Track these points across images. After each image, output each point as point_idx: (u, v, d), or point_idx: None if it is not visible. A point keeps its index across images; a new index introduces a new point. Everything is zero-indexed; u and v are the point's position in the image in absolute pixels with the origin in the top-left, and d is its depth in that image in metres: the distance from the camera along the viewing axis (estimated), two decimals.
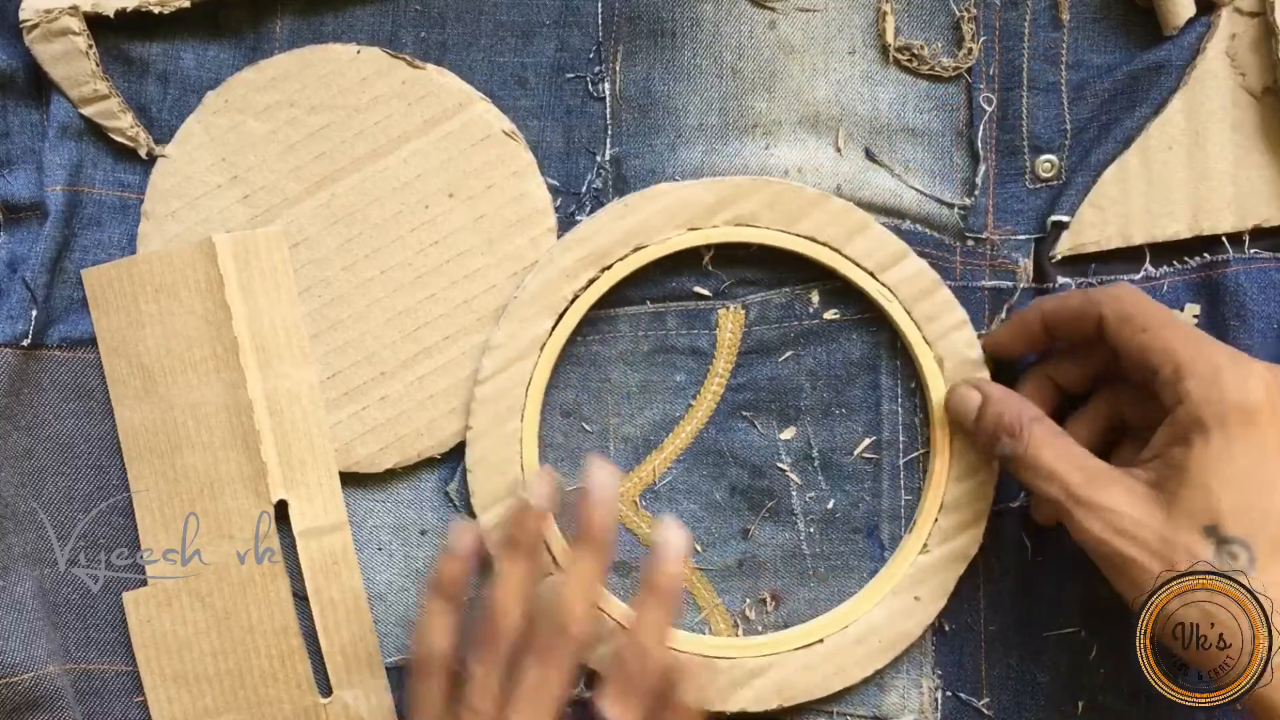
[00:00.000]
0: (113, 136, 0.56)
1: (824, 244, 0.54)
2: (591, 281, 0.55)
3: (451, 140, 0.56)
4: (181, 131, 0.56)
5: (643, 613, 0.49)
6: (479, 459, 0.55)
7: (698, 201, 0.54)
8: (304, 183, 0.56)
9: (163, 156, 0.56)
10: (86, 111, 0.55)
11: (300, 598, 0.56)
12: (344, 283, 0.56)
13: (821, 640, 0.55)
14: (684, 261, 0.56)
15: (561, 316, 0.55)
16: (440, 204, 0.56)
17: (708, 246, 0.55)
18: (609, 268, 0.55)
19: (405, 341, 0.56)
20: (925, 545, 0.54)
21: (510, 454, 0.55)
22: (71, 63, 0.55)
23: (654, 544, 0.49)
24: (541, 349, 0.55)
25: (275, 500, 0.55)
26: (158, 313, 0.55)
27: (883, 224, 0.55)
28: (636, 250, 0.55)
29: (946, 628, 0.55)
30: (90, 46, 0.55)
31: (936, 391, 0.54)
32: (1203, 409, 0.45)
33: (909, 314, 0.54)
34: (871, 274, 0.54)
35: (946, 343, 0.54)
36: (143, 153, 0.56)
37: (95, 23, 0.55)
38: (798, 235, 0.54)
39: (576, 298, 0.55)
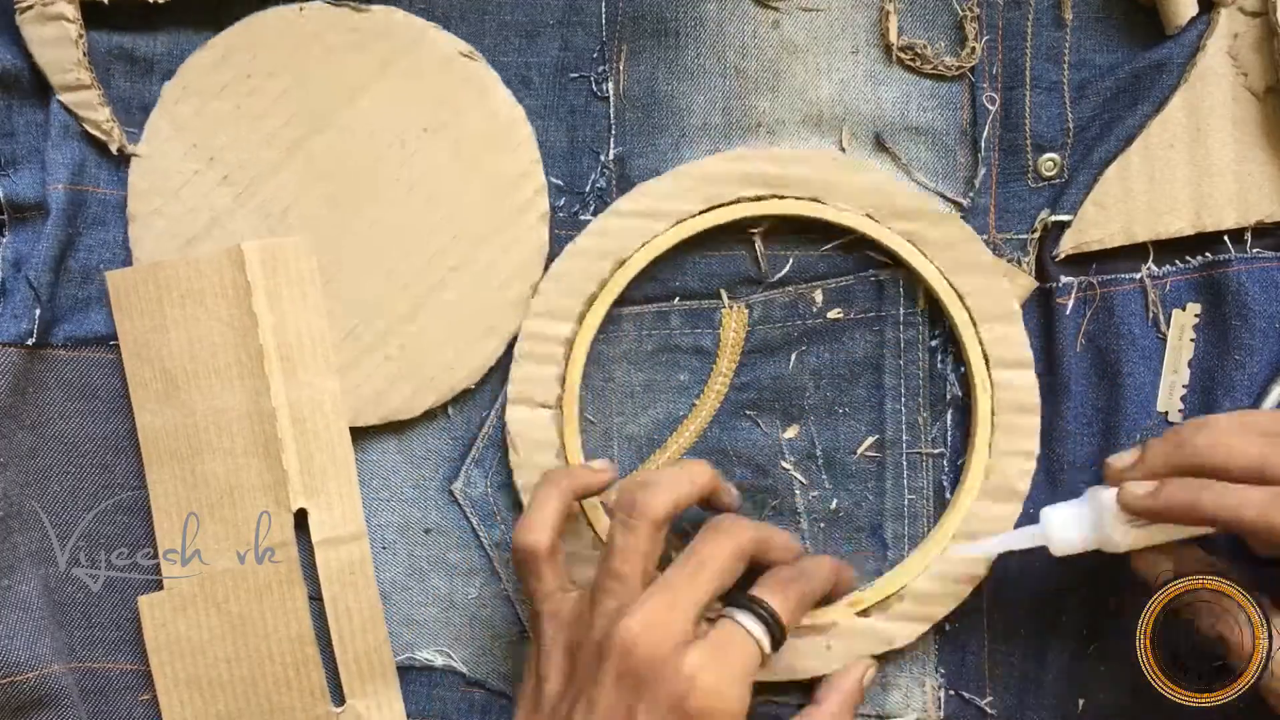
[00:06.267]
0: (87, 129, 0.56)
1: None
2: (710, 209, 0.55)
3: (412, 75, 0.56)
4: (148, 129, 0.56)
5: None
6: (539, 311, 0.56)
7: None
8: (278, 150, 0.56)
9: (135, 156, 0.56)
10: (65, 99, 0.55)
11: (315, 600, 0.56)
12: (339, 240, 0.56)
13: None
14: (689, 256, 0.56)
15: (681, 222, 0.55)
16: (416, 139, 0.56)
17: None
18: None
19: (412, 284, 0.56)
20: (868, 609, 0.54)
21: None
22: (59, 48, 0.55)
23: None
24: (645, 244, 0.55)
25: (295, 509, 0.55)
26: (183, 318, 0.55)
27: None
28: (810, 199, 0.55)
29: (948, 627, 0.55)
30: (80, 36, 0.55)
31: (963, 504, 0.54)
32: None
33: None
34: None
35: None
36: (114, 148, 0.56)
37: (100, 20, 0.55)
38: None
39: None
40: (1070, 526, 0.50)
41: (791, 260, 0.56)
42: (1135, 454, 0.49)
